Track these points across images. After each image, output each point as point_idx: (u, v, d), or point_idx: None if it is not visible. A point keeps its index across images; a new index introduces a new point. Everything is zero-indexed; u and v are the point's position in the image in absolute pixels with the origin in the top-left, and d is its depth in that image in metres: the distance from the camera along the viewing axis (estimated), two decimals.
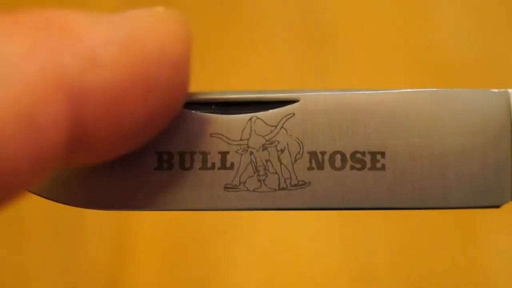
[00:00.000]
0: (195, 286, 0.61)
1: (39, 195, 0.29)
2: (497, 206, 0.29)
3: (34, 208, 0.61)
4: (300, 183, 0.29)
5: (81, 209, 0.62)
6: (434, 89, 0.28)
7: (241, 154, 0.29)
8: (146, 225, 0.61)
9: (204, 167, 0.29)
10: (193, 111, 0.28)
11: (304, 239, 0.62)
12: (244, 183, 0.29)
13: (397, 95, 0.28)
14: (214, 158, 0.29)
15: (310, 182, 0.29)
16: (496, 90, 0.29)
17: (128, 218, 0.61)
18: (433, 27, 0.66)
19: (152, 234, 0.62)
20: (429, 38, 0.66)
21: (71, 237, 0.62)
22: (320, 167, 0.29)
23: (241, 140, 0.29)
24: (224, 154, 0.29)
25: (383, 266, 0.61)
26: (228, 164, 0.29)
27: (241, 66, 0.66)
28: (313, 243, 0.62)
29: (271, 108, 0.28)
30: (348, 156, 0.29)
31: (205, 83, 0.65)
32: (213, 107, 0.29)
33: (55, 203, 0.62)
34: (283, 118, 0.28)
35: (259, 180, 0.29)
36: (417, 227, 0.61)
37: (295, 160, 0.29)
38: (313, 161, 0.29)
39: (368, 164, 0.29)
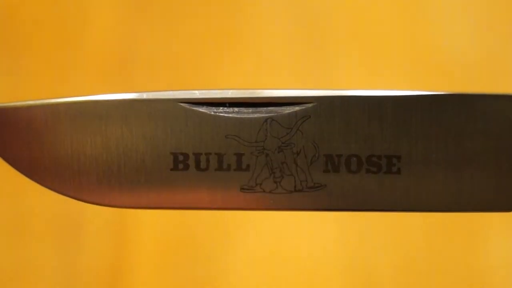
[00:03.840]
0: (195, 286, 0.61)
1: (47, 187, 0.29)
2: (509, 210, 0.29)
3: (34, 208, 0.61)
4: (316, 185, 0.29)
5: (81, 209, 0.62)
6: (452, 93, 0.28)
7: (257, 156, 0.28)
8: (146, 226, 0.61)
9: (219, 168, 0.28)
10: (207, 112, 0.28)
11: (303, 239, 0.62)
12: (260, 184, 0.29)
13: (415, 98, 0.28)
14: (230, 160, 0.28)
15: (325, 185, 0.29)
16: None
17: (128, 218, 0.61)
18: (433, 27, 0.66)
19: (152, 234, 0.61)
20: (429, 38, 0.66)
21: (71, 237, 0.61)
22: (336, 170, 0.28)
23: (256, 142, 0.28)
24: (239, 156, 0.28)
25: (382, 267, 0.61)
26: (243, 166, 0.28)
27: (241, 66, 0.66)
28: (312, 244, 0.62)
29: (286, 109, 0.28)
30: (364, 159, 0.28)
31: (204, 82, 0.65)
32: (227, 105, 0.28)
33: (54, 203, 0.62)
34: (298, 120, 0.28)
35: (275, 182, 0.29)
36: (416, 228, 0.61)
37: (311, 163, 0.28)
38: (329, 163, 0.28)
39: (384, 168, 0.28)
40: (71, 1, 0.65)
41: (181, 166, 0.28)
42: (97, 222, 0.61)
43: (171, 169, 0.28)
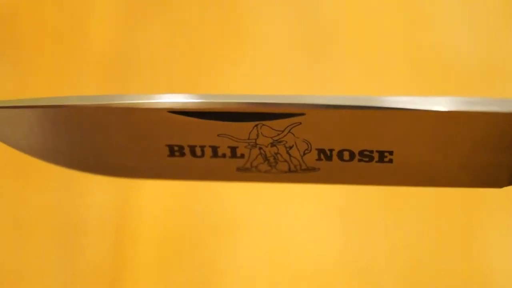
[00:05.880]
0: (196, 284, 0.61)
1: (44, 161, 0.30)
2: (500, 187, 0.29)
3: (34, 208, 0.61)
4: (309, 168, 0.29)
5: (81, 208, 0.62)
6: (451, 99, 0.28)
7: (250, 149, 0.29)
8: (145, 226, 0.61)
9: (215, 156, 0.29)
10: (196, 119, 0.28)
11: (304, 239, 0.62)
12: (256, 167, 0.29)
13: (409, 113, 0.28)
14: (224, 150, 0.29)
15: (319, 168, 0.29)
16: None
17: (128, 219, 0.61)
18: (433, 27, 0.66)
19: (152, 234, 0.61)
20: (429, 39, 0.66)
21: (71, 237, 0.61)
22: (329, 159, 0.29)
23: (249, 139, 0.29)
24: (233, 148, 0.29)
25: (383, 266, 0.61)
26: (238, 155, 0.29)
27: (240, 67, 0.66)
28: (313, 243, 0.62)
29: (276, 119, 0.28)
30: (356, 152, 0.29)
31: (203, 85, 0.65)
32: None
33: (55, 203, 0.62)
34: (289, 125, 0.28)
35: (270, 166, 0.29)
36: (416, 227, 0.61)
37: (304, 154, 0.29)
38: (321, 155, 0.29)
39: (376, 159, 0.29)
40: (72, 2, 0.65)
41: (177, 154, 0.29)
42: (97, 221, 0.61)
43: (168, 156, 0.29)
